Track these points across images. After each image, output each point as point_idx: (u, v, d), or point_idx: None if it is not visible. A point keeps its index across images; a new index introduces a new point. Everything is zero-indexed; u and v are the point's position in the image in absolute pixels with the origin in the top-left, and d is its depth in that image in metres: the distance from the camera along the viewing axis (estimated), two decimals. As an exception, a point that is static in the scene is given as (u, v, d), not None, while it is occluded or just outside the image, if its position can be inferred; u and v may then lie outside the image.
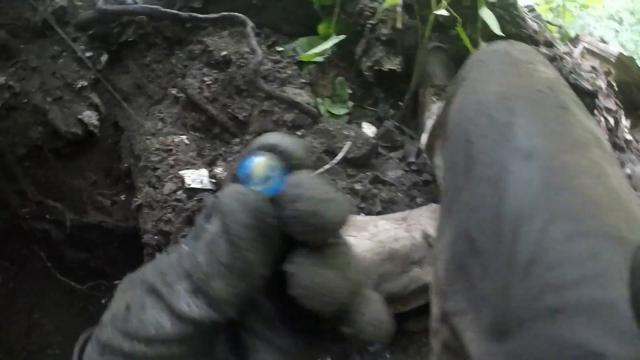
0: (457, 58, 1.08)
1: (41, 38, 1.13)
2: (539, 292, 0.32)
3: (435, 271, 0.45)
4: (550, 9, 1.80)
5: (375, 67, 1.05)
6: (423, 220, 0.77)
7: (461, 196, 0.42)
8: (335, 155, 0.99)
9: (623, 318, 0.28)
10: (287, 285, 0.20)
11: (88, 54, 1.12)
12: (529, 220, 0.34)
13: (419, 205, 0.91)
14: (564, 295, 0.31)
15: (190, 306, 0.20)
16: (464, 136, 0.44)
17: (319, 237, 0.20)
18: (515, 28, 1.16)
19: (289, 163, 0.21)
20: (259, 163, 0.20)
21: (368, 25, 1.06)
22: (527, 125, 0.40)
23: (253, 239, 0.19)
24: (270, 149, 0.21)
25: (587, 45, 1.56)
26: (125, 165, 1.11)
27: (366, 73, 1.06)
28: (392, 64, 1.04)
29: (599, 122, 1.31)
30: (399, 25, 1.02)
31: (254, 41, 1.03)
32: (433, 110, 0.98)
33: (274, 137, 0.22)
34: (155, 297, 0.21)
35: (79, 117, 1.08)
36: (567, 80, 1.12)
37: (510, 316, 0.33)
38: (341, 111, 1.06)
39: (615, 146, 1.32)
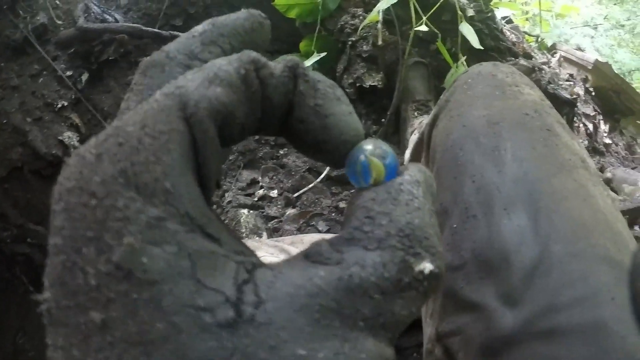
0: (437, 72, 1.10)
1: (21, 56, 1.12)
2: (533, 316, 0.33)
3: None
4: (527, 19, 1.84)
5: (357, 84, 1.06)
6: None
7: (449, 220, 0.42)
8: (320, 173, 0.99)
9: (616, 338, 0.30)
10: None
11: (68, 72, 1.11)
12: (521, 245, 0.35)
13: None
14: (556, 317, 0.32)
15: None
16: (452, 161, 0.44)
17: None
18: (494, 41, 1.18)
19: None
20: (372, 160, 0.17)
21: (349, 42, 1.07)
22: (515, 149, 0.40)
23: None
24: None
25: (564, 54, 1.60)
26: (108, 185, 1.09)
27: (348, 90, 1.07)
28: (374, 80, 1.05)
29: (578, 128, 1.34)
30: (379, 41, 1.03)
31: (236, 59, 1.03)
32: (415, 125, 0.99)
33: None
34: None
35: (60, 138, 1.07)
36: (546, 90, 1.14)
37: (500, 338, 0.34)
38: (325, 127, 1.07)
39: (596, 150, 1.35)
